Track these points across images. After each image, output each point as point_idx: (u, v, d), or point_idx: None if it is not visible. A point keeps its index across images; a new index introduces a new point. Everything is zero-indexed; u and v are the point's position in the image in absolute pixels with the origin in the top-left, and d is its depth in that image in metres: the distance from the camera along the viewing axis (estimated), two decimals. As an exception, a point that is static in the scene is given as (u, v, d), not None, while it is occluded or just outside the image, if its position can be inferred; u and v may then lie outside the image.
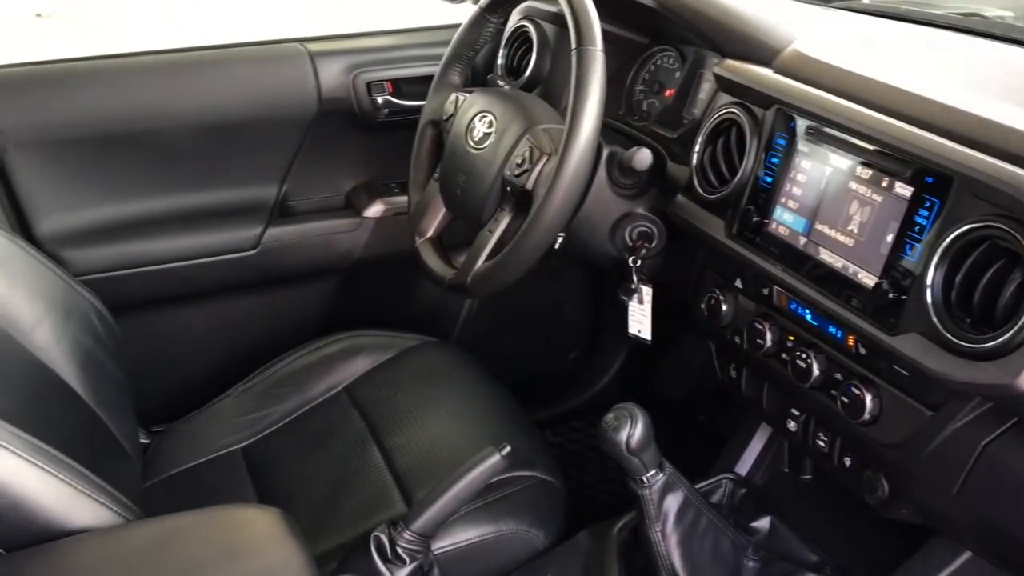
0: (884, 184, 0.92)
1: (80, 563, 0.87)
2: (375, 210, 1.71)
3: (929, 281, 0.85)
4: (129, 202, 1.60)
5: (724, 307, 1.15)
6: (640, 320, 1.28)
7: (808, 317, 1.02)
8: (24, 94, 1.51)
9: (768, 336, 1.08)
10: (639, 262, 1.25)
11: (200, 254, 1.62)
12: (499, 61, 1.58)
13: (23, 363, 1.19)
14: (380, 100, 1.67)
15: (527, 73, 1.49)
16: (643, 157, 1.17)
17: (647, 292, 1.26)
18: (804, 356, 1.03)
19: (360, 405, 1.41)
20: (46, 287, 1.27)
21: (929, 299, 0.85)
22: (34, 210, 1.53)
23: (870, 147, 0.94)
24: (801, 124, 1.03)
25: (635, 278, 1.25)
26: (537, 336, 1.96)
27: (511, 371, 1.68)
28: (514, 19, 1.55)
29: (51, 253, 1.42)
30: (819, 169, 1.00)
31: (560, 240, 1.21)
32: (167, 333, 1.68)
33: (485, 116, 1.28)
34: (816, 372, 1.02)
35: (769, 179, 1.06)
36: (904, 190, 0.90)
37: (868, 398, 0.95)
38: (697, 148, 1.17)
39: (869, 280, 0.92)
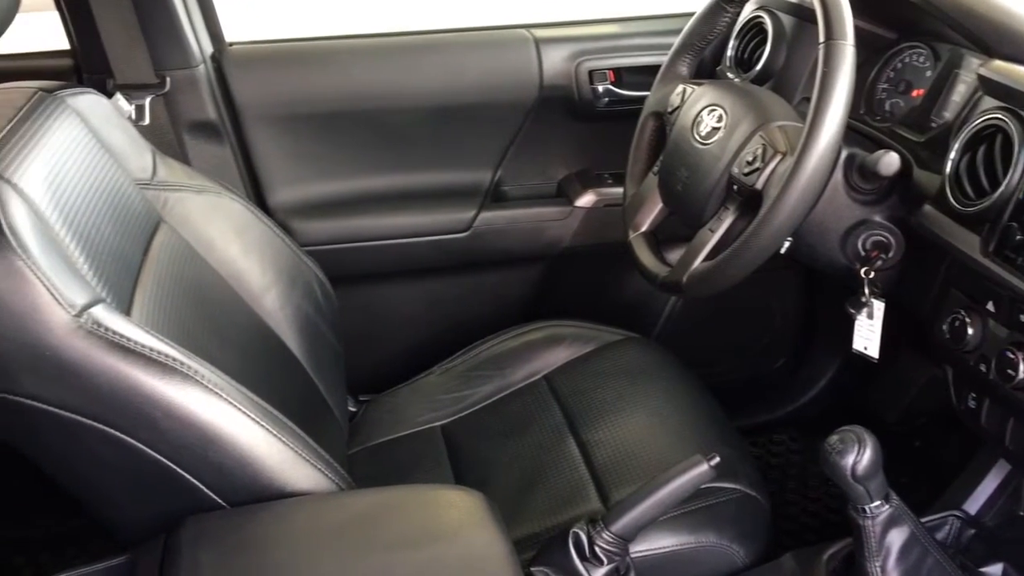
0: None
1: (295, 525, 0.90)
2: (586, 200, 1.70)
3: None
4: (352, 178, 1.66)
5: (970, 331, 1.05)
6: (868, 336, 1.19)
7: (1074, 351, 0.92)
8: (265, 70, 1.59)
9: (1022, 367, 0.97)
10: (872, 274, 1.16)
11: (415, 233, 1.66)
12: (728, 53, 1.52)
13: (252, 326, 1.26)
14: (601, 89, 1.65)
15: (759, 66, 1.42)
16: (890, 161, 1.08)
17: (879, 307, 1.17)
18: (1065, 394, 0.92)
19: (559, 395, 1.40)
20: (276, 255, 1.34)
21: None
22: (268, 181, 1.62)
23: None
24: (1082, 135, 0.92)
25: (866, 291, 1.16)
26: (742, 340, 1.88)
27: (711, 374, 1.62)
28: (748, 9, 1.48)
29: (281, 223, 1.49)
30: (1102, 186, 0.89)
31: (787, 245, 1.14)
32: (378, 307, 1.73)
33: (714, 110, 1.23)
34: (1078, 413, 0.91)
35: (1039, 194, 0.95)
36: None
37: None
38: (952, 155, 1.07)
39: None
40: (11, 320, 0.81)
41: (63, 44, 1.52)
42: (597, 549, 1.01)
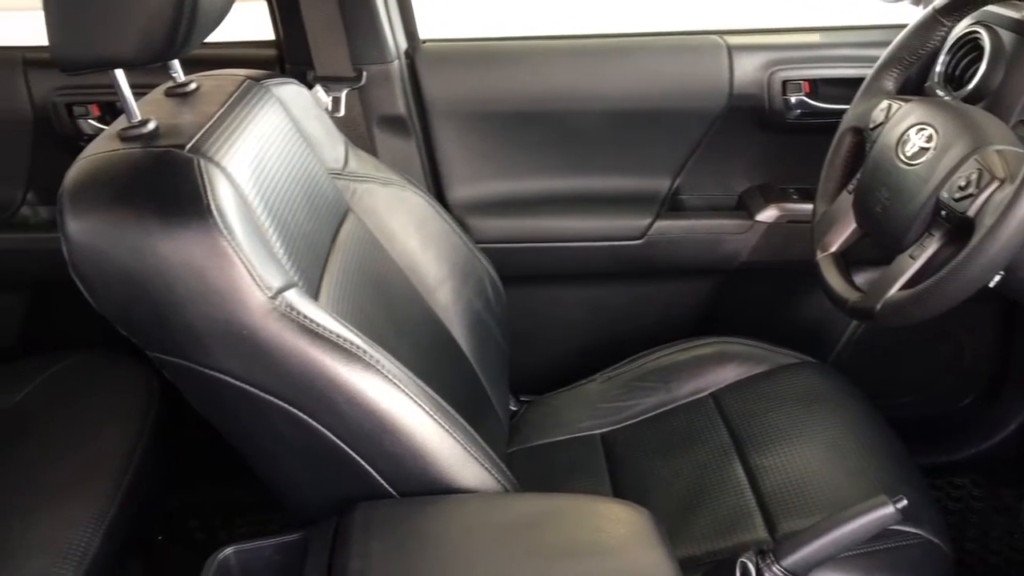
0: None
1: (461, 522, 0.91)
2: (769, 215, 1.63)
3: None
4: (531, 178, 1.66)
5: None
6: (1081, 384, 1.09)
7: None
8: (455, 68, 1.61)
9: None
10: (1089, 316, 1.06)
11: (588, 237, 1.65)
12: (938, 68, 1.42)
13: (425, 319, 1.28)
14: (794, 100, 1.58)
15: (972, 84, 1.32)
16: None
17: (1096, 352, 1.07)
18: None
19: (726, 415, 1.35)
20: (451, 251, 1.36)
21: None
22: (449, 176, 1.65)
23: None
24: None
25: (1083, 335, 1.06)
26: (927, 373, 1.76)
27: (890, 406, 1.53)
28: (963, 24, 1.39)
29: (458, 218, 1.51)
30: None
31: (998, 278, 1.06)
32: (546, 309, 1.73)
33: (924, 129, 1.15)
34: None
35: None
36: None
37: None
38: None
39: None
40: (212, 298, 0.85)
41: (268, 34, 1.59)
42: (765, 582, 0.96)
